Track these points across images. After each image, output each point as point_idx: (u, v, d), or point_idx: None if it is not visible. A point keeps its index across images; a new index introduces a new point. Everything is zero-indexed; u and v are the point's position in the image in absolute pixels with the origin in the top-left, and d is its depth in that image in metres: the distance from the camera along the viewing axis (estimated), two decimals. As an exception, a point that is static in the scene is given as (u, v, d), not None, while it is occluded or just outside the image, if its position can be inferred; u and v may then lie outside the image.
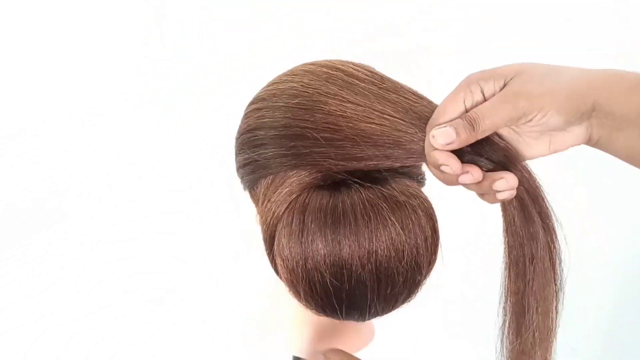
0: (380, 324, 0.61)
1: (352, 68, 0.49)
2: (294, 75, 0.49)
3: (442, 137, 0.42)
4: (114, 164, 1.11)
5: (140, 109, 1.12)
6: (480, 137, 0.43)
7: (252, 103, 0.51)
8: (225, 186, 1.09)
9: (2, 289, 1.07)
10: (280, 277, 0.46)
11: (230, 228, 1.12)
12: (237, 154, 0.51)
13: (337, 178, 0.45)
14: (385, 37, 1.18)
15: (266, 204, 0.46)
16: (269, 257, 0.47)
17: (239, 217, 1.11)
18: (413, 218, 0.43)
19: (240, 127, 0.51)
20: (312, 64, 0.51)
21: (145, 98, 1.12)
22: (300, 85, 0.47)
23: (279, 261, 0.44)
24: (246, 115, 0.51)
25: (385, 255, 0.42)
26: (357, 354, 0.60)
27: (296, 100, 0.46)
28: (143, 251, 1.11)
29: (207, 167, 1.12)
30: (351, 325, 0.59)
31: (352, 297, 0.44)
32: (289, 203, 0.45)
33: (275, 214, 0.45)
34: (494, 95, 0.43)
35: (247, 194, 0.54)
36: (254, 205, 0.52)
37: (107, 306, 1.10)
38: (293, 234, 0.43)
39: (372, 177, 0.45)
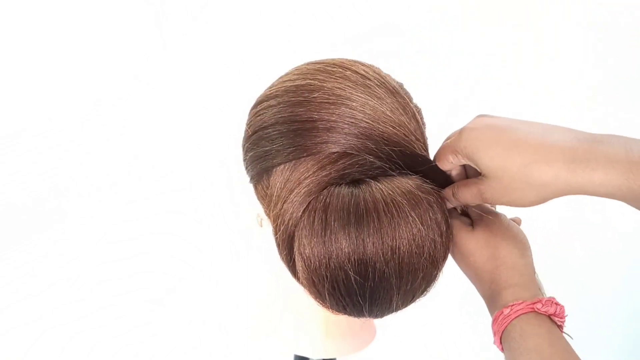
0: (380, 323, 0.61)
1: (362, 69, 0.50)
2: (306, 73, 0.50)
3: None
4: (114, 164, 1.11)
5: (140, 109, 1.12)
6: (460, 204, 0.49)
7: (262, 101, 0.51)
8: (225, 186, 1.10)
9: (2, 289, 1.07)
10: (298, 278, 0.47)
11: (230, 228, 1.12)
12: (250, 148, 0.51)
13: (355, 177, 0.45)
14: (385, 37, 1.18)
15: (282, 205, 0.46)
16: (285, 258, 0.47)
17: (238, 217, 1.12)
18: (431, 214, 0.44)
19: (253, 124, 0.51)
20: (320, 62, 0.51)
21: (145, 98, 1.12)
22: (317, 81, 0.48)
23: (299, 261, 0.45)
24: (258, 113, 0.51)
25: (408, 251, 0.43)
26: (360, 353, 0.60)
27: (315, 95, 0.47)
28: (143, 251, 1.11)
29: (207, 167, 1.12)
30: (356, 324, 0.59)
31: (376, 294, 0.44)
32: (309, 203, 0.45)
33: (294, 214, 0.45)
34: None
35: (247, 194, 0.54)
36: (259, 205, 0.52)
37: (107, 306, 1.10)
38: (315, 234, 0.43)
39: (388, 175, 0.46)
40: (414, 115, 0.49)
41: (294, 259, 0.46)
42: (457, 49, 1.22)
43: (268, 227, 0.50)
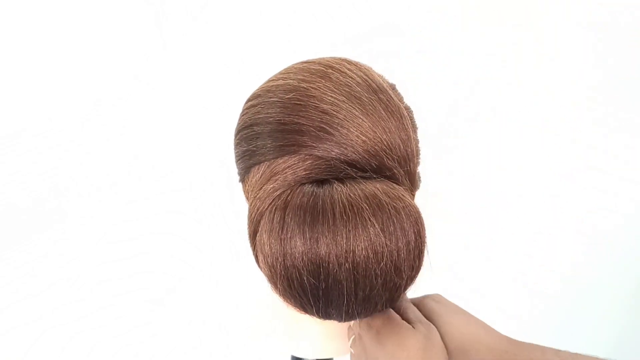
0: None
1: (347, 68, 0.49)
2: (289, 72, 0.50)
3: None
4: (114, 164, 1.11)
5: (140, 109, 1.12)
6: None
7: (248, 100, 0.52)
8: (225, 186, 1.10)
9: (2, 289, 1.07)
10: (262, 273, 0.47)
11: (231, 228, 1.12)
12: (235, 147, 0.52)
13: (322, 177, 0.45)
14: (385, 37, 1.18)
15: (252, 201, 0.47)
16: (253, 254, 0.48)
17: (238, 217, 1.11)
18: (395, 221, 0.43)
19: (237, 124, 0.52)
20: (307, 61, 0.51)
21: (145, 98, 1.12)
22: (296, 81, 0.48)
23: (260, 257, 0.45)
24: (243, 113, 0.52)
25: (363, 256, 0.42)
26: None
27: (290, 95, 0.46)
28: (143, 251, 1.11)
29: (207, 167, 1.12)
30: (343, 329, 0.59)
31: (329, 296, 0.44)
32: (273, 199, 0.45)
33: (259, 210, 0.45)
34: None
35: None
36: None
37: (107, 306, 1.10)
38: (274, 231, 0.43)
39: (356, 177, 0.45)
40: (396, 112, 0.48)
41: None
42: (457, 49, 1.22)
43: None
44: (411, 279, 0.45)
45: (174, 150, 1.13)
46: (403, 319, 0.51)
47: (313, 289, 0.43)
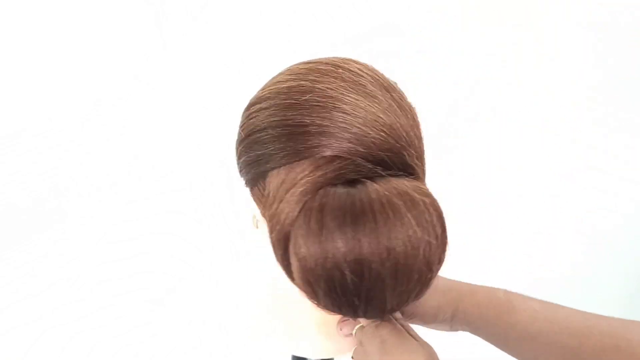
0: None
1: (356, 67, 0.50)
2: (297, 73, 0.50)
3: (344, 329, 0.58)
4: (114, 164, 1.11)
5: (140, 109, 1.12)
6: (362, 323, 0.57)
7: (254, 104, 0.51)
8: (225, 186, 1.10)
9: (2, 289, 1.07)
10: (293, 278, 0.46)
11: (230, 228, 1.13)
12: (244, 152, 0.51)
13: (351, 177, 0.45)
14: (385, 37, 1.18)
15: (277, 205, 0.46)
16: (279, 259, 0.47)
17: (238, 217, 1.12)
18: (427, 216, 0.44)
19: (245, 128, 0.51)
20: (310, 62, 0.51)
21: (145, 98, 1.12)
22: (309, 82, 0.48)
23: (295, 261, 0.44)
24: (250, 116, 0.51)
25: (403, 252, 0.43)
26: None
27: (307, 97, 0.46)
28: (143, 251, 1.11)
29: (207, 167, 1.12)
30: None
31: (371, 294, 0.44)
32: (305, 203, 0.45)
33: (290, 214, 0.45)
34: None
35: (244, 195, 0.54)
36: (254, 205, 0.52)
37: (107, 306, 1.10)
38: (311, 234, 0.43)
39: (385, 175, 0.46)
40: (410, 111, 0.49)
41: (289, 260, 0.46)
42: (457, 49, 1.22)
43: (264, 229, 0.50)
44: (437, 272, 0.46)
45: (174, 150, 1.13)
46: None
47: (356, 288, 0.43)
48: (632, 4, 1.24)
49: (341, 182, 0.45)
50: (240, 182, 0.54)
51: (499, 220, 1.27)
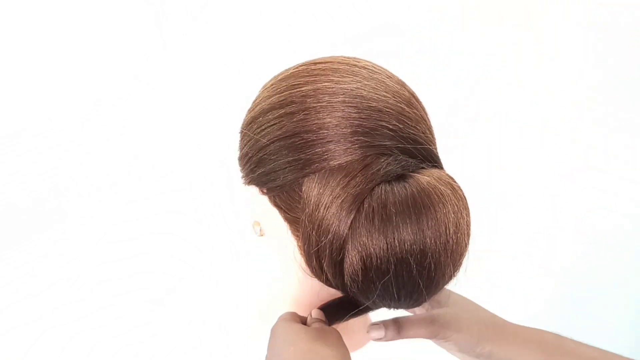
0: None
1: (370, 65, 0.52)
2: (316, 75, 0.49)
3: (374, 332, 0.56)
4: (114, 164, 1.11)
5: (140, 109, 1.12)
6: (403, 338, 0.56)
7: (275, 109, 0.50)
8: (225, 186, 1.10)
9: (2, 289, 1.07)
10: (337, 282, 0.47)
11: (230, 228, 1.13)
12: (268, 160, 0.50)
13: (399, 172, 0.47)
14: (385, 37, 1.18)
15: (324, 211, 0.46)
16: (328, 263, 0.47)
17: (238, 217, 1.12)
18: (464, 202, 0.47)
19: (272, 135, 0.49)
20: (318, 61, 0.51)
21: (145, 98, 1.12)
22: (332, 83, 0.48)
23: (355, 261, 0.45)
24: (271, 123, 0.49)
25: (456, 237, 0.46)
26: (359, 352, 0.60)
27: (339, 99, 0.47)
28: (143, 251, 1.11)
29: (207, 167, 1.12)
30: (354, 322, 0.59)
31: (433, 283, 0.46)
32: (362, 203, 0.45)
33: (344, 217, 0.45)
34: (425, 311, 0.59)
35: (247, 195, 0.54)
36: (264, 214, 0.51)
37: (107, 306, 1.10)
38: (377, 230, 0.44)
39: (425, 167, 0.48)
40: (419, 105, 0.52)
41: (338, 263, 0.46)
42: (457, 49, 1.22)
43: (272, 235, 0.50)
44: (464, 256, 0.48)
45: (174, 150, 1.13)
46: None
47: (422, 278, 0.45)
48: (632, 4, 1.24)
49: (390, 179, 0.46)
50: (240, 182, 0.54)
51: (498, 220, 1.27)
